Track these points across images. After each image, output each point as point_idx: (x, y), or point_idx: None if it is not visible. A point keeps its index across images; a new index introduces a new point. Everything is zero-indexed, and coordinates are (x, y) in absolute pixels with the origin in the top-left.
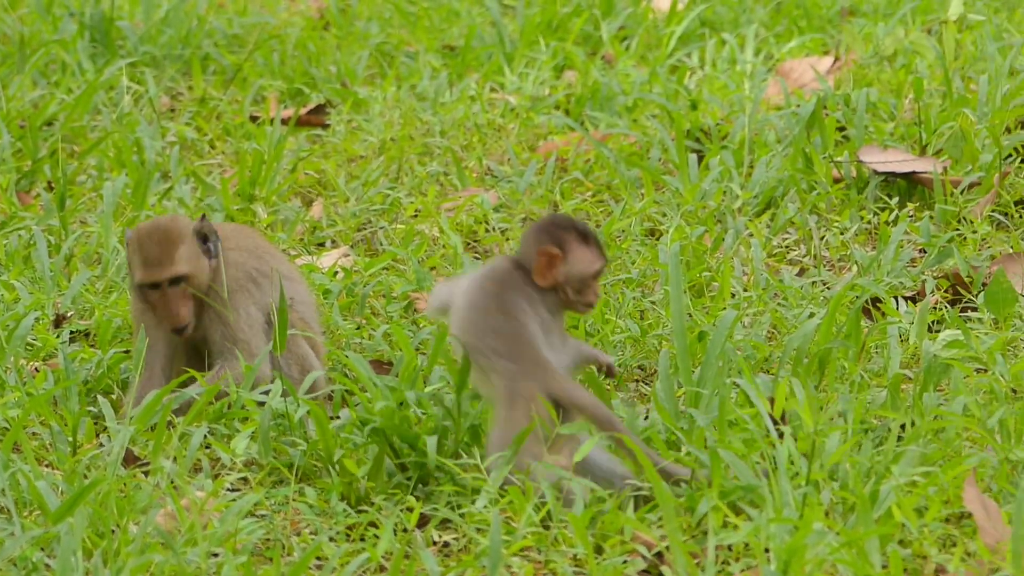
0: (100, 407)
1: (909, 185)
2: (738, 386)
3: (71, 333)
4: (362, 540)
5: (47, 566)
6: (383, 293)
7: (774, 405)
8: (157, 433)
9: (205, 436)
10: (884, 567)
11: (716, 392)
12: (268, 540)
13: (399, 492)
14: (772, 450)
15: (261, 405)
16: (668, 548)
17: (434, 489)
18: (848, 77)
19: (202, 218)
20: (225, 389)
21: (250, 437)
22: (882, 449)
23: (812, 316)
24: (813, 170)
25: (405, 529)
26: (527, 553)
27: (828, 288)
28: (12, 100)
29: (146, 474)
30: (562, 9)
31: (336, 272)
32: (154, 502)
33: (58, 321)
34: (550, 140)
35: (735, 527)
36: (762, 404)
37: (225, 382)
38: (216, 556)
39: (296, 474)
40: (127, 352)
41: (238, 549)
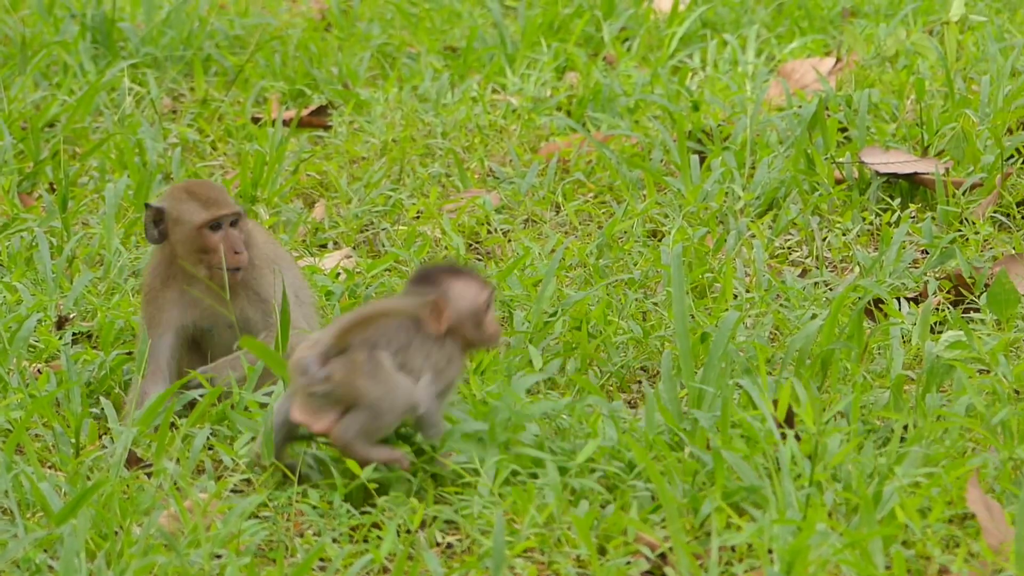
0: (103, 408)
1: (911, 186)
2: (741, 387)
3: (73, 335)
4: (365, 541)
5: (50, 568)
6: (386, 294)
7: (777, 406)
8: (160, 435)
9: (208, 438)
10: (887, 568)
11: (719, 393)
12: (271, 541)
13: (402, 494)
14: (775, 451)
15: (263, 407)
16: (671, 549)
17: (437, 490)
18: (850, 78)
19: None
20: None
21: (252, 439)
22: (885, 450)
23: (814, 317)
24: (815, 171)
25: (408, 530)
26: (530, 554)
27: (830, 289)
28: (14, 101)
29: (149, 475)
30: (563, 10)
31: (338, 273)
32: (157, 503)
33: (60, 323)
34: (552, 141)
35: (738, 528)
36: (766, 405)
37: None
38: (219, 557)
39: (299, 475)
40: (129, 354)
41: (241, 550)
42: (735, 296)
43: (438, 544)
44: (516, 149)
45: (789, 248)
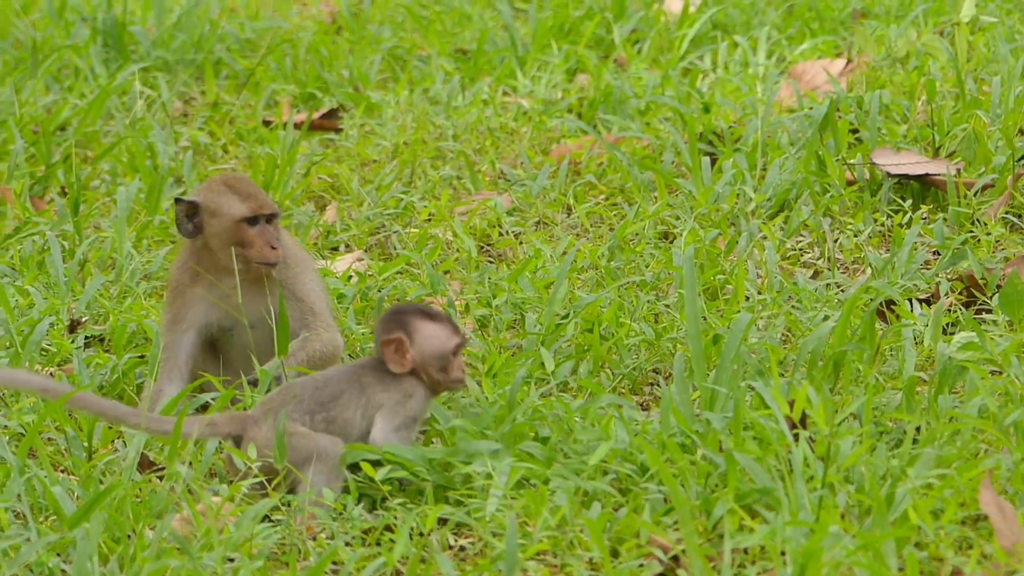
0: None
1: (922, 187)
2: (753, 389)
3: (86, 338)
4: (378, 544)
5: (63, 572)
6: (397, 297)
7: (793, 408)
8: (173, 438)
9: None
10: (900, 570)
11: (731, 395)
12: (284, 545)
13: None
14: (788, 453)
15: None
16: (684, 551)
17: (449, 493)
18: (861, 79)
19: None
20: (317, 356)
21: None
22: (898, 452)
23: (827, 319)
24: (826, 172)
25: (421, 533)
26: (543, 557)
27: (842, 291)
28: (25, 105)
29: (161, 479)
30: (574, 12)
31: (350, 276)
32: (170, 507)
33: (73, 326)
34: (563, 143)
35: (751, 530)
36: (778, 407)
37: (312, 352)
38: (232, 561)
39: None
40: (142, 357)
41: (254, 554)
42: (747, 298)
43: (450, 547)
44: (527, 151)
45: (801, 250)
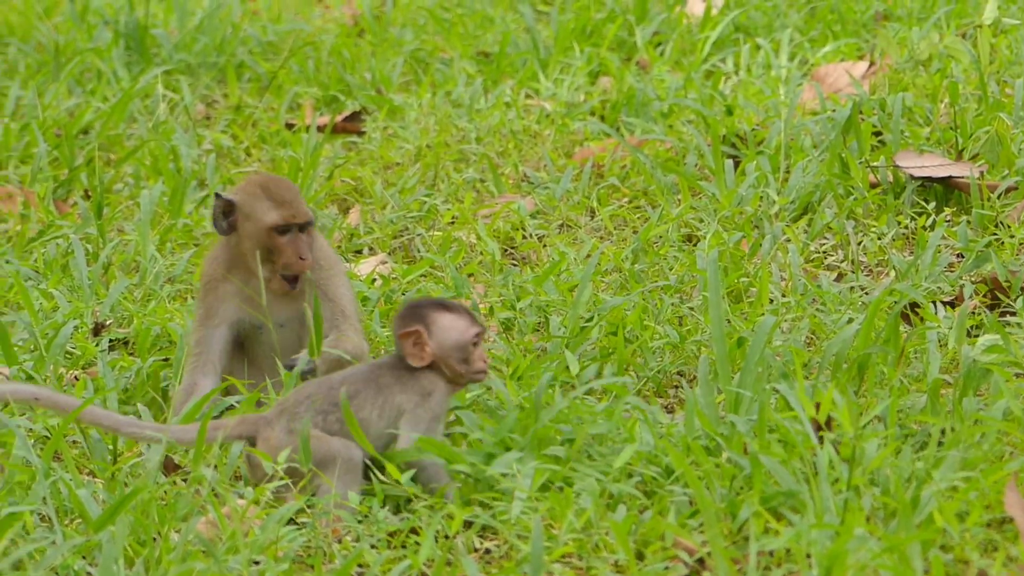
0: (140, 415)
1: (946, 190)
2: (778, 392)
3: (110, 341)
4: (403, 547)
5: (89, 574)
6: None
7: (818, 410)
8: (198, 440)
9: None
10: (926, 572)
11: (756, 398)
12: (309, 548)
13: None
14: (813, 456)
15: None
16: (710, 554)
17: (475, 495)
18: (883, 82)
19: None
20: (347, 357)
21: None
22: (923, 454)
23: (851, 321)
24: (850, 175)
25: (446, 536)
26: (568, 559)
27: (866, 293)
28: (48, 109)
29: (187, 482)
30: (596, 15)
31: (374, 279)
32: (195, 510)
33: (97, 329)
34: (586, 146)
35: (776, 533)
36: (803, 409)
37: (344, 351)
38: (257, 564)
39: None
40: (166, 360)
41: (279, 557)
42: (771, 301)
43: (476, 550)
44: (550, 154)
45: (824, 252)
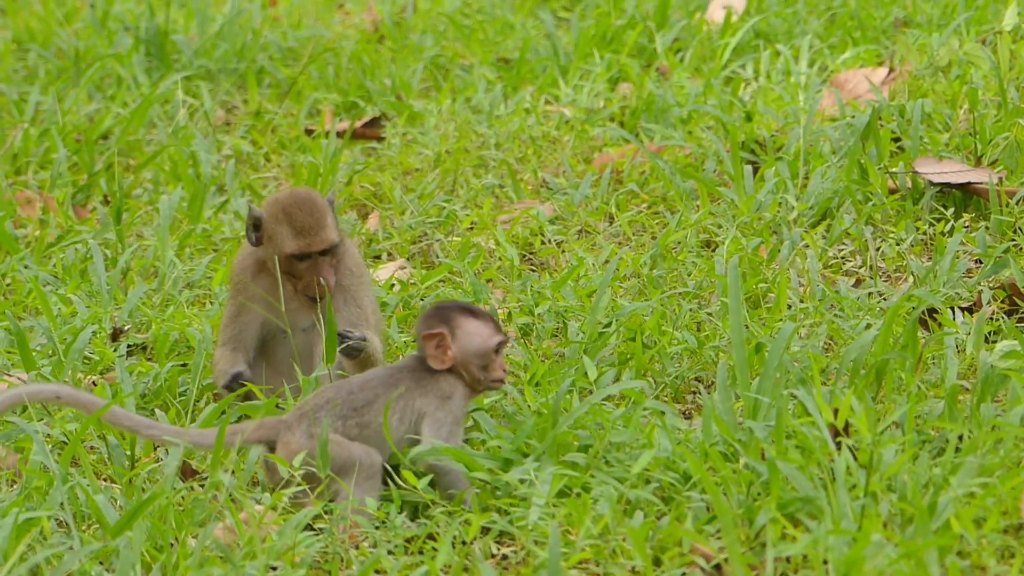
0: (158, 420)
1: (964, 196)
2: (795, 398)
3: (128, 347)
4: (421, 553)
5: None
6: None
7: (836, 416)
8: (216, 446)
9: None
10: None
11: (774, 404)
12: (327, 553)
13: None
14: (830, 462)
15: None
16: (727, 560)
17: (492, 501)
18: (903, 88)
19: (332, 193)
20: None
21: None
22: (940, 460)
23: (869, 327)
24: (868, 181)
25: (464, 542)
26: (585, 565)
27: (884, 299)
28: (68, 114)
29: (204, 487)
30: (616, 21)
31: (393, 285)
32: (212, 515)
33: (115, 335)
34: (605, 152)
35: (794, 539)
36: (821, 415)
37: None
38: (275, 569)
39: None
40: (184, 366)
41: (297, 562)
42: (789, 306)
43: (493, 555)
44: (569, 160)
45: (843, 258)
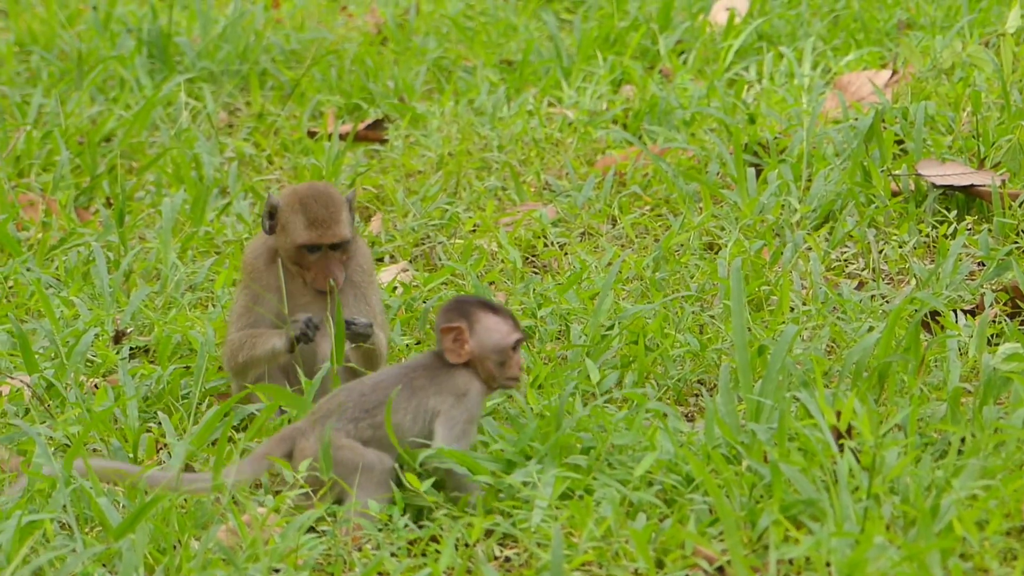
0: (160, 423)
1: (967, 198)
2: (798, 400)
3: (131, 349)
4: (423, 555)
5: None
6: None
7: (839, 419)
8: (218, 449)
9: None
10: None
11: (776, 406)
12: (329, 556)
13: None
14: (833, 464)
15: None
16: (729, 562)
17: (495, 504)
18: (906, 90)
19: (353, 191)
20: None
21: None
22: (943, 463)
23: (871, 330)
24: (871, 183)
25: (466, 544)
26: (588, 568)
27: (887, 302)
28: (70, 116)
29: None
30: (619, 23)
31: (395, 287)
32: (215, 518)
33: (118, 337)
34: (608, 154)
35: (796, 541)
36: (824, 418)
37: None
38: (277, 572)
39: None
40: (187, 368)
41: (300, 565)
42: (792, 309)
43: (496, 558)
44: (572, 162)
45: (846, 260)
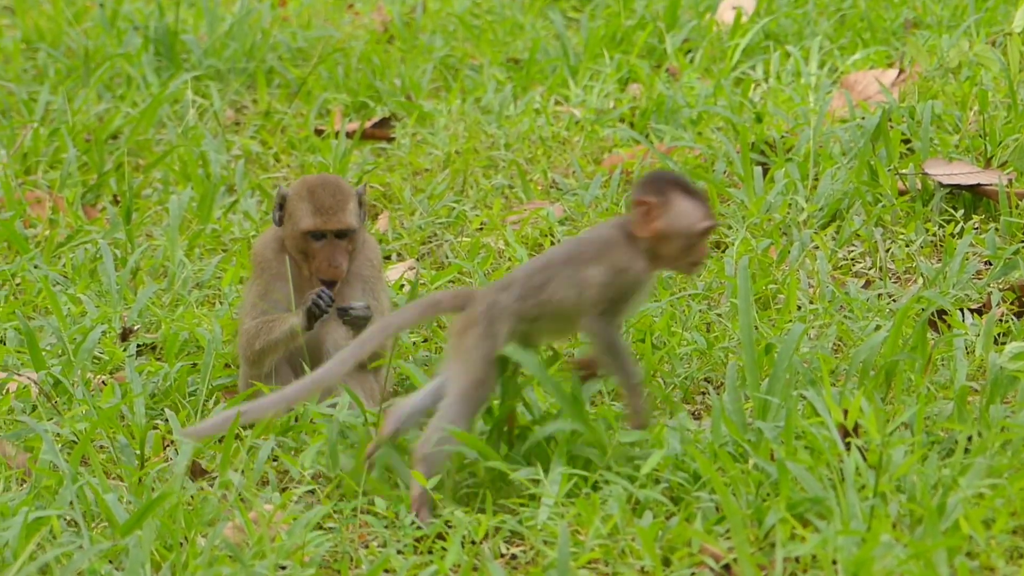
0: (167, 420)
1: (974, 197)
2: (805, 398)
3: (138, 346)
4: (430, 553)
5: None
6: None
7: (846, 417)
8: (225, 446)
9: (273, 449)
10: None
11: (783, 404)
12: (336, 552)
13: (469, 503)
14: (839, 462)
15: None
16: (736, 560)
17: (501, 501)
18: (913, 89)
19: (363, 186)
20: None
21: (318, 451)
22: (949, 461)
23: (878, 328)
24: (878, 182)
25: (473, 541)
26: (595, 565)
27: (894, 300)
28: (78, 114)
29: (214, 486)
30: (626, 22)
31: (402, 285)
32: (222, 515)
33: (125, 334)
34: (615, 153)
35: (803, 539)
36: (831, 416)
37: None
38: (284, 569)
39: (363, 486)
40: (194, 365)
41: (306, 562)
42: (799, 307)
43: (502, 555)
44: (579, 161)
45: (852, 259)
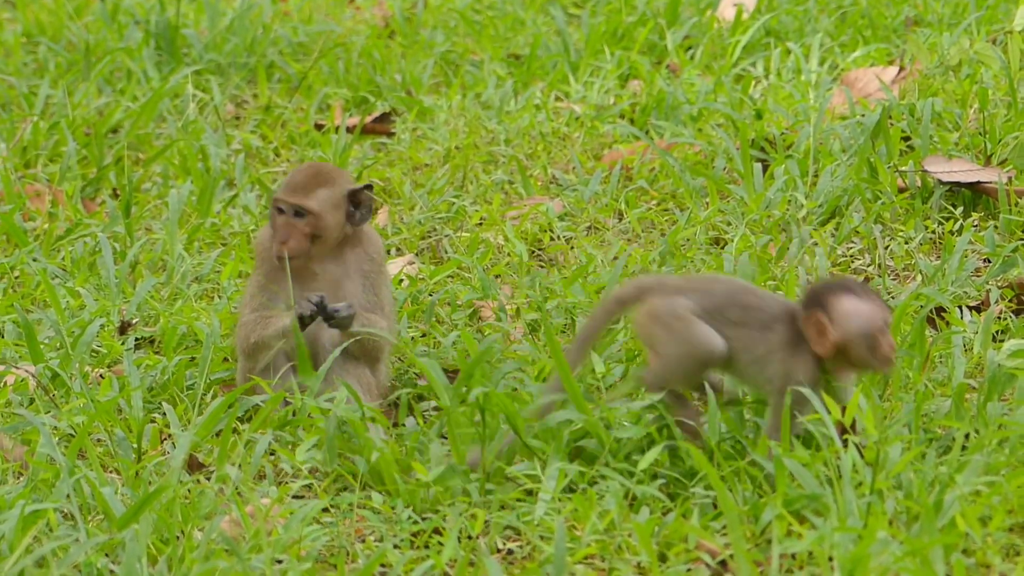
0: (165, 413)
1: (974, 195)
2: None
3: (136, 340)
4: (426, 547)
5: (112, 572)
6: (448, 301)
7: (844, 414)
8: (222, 440)
9: (270, 443)
10: None
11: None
12: (333, 547)
13: (465, 497)
14: (836, 459)
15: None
16: (732, 556)
17: (499, 496)
18: (913, 87)
19: (368, 187)
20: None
21: (314, 445)
22: (946, 458)
23: None
24: (878, 180)
25: (470, 536)
26: (591, 561)
27: (893, 297)
28: (78, 107)
29: (210, 480)
30: (627, 18)
31: (401, 280)
32: (219, 509)
33: (123, 328)
34: (615, 149)
35: (799, 536)
36: (828, 413)
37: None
38: (280, 563)
39: (360, 481)
40: (192, 359)
41: (302, 556)
42: None
43: (499, 550)
44: (579, 156)
45: (851, 256)
